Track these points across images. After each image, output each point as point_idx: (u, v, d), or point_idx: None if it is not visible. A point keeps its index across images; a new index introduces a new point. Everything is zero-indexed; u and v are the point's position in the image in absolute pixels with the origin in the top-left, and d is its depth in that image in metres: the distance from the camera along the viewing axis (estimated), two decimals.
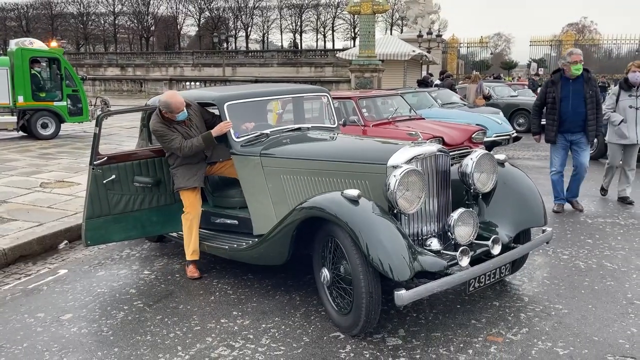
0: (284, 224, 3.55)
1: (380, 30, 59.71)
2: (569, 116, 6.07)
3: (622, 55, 57.96)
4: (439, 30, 40.69)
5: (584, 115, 6.03)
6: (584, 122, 6.06)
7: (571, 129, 6.13)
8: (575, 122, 6.08)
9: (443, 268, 3.20)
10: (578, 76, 5.99)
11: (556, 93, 6.09)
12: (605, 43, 46.48)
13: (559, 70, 6.21)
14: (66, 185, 7.76)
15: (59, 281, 4.66)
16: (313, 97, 5.25)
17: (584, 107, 6.01)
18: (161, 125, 4.40)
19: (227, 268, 4.74)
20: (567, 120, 6.10)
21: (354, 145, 4.17)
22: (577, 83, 6.02)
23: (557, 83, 6.13)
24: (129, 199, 4.69)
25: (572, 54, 6.05)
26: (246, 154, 4.44)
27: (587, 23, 69.28)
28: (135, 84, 28.32)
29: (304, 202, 3.47)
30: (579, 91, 6.01)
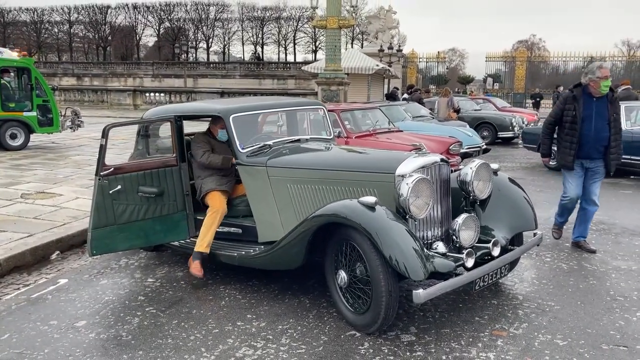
0: (300, 230, 3.75)
1: (341, 44, 60.59)
2: (590, 139, 5.22)
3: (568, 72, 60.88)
4: (399, 45, 41.73)
5: (606, 140, 5.23)
6: (606, 148, 5.26)
7: (591, 155, 5.29)
8: (596, 148, 5.26)
9: (452, 269, 3.48)
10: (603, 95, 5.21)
11: (577, 111, 5.22)
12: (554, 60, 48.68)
13: (580, 85, 5.35)
14: (48, 196, 7.70)
15: (62, 290, 4.70)
16: (311, 109, 5.48)
17: (608, 130, 5.21)
18: (202, 136, 4.98)
19: (230, 275, 4.88)
20: (587, 144, 5.24)
21: (362, 156, 4.42)
22: (602, 102, 5.23)
23: (578, 99, 5.26)
24: (134, 208, 4.78)
25: (601, 67, 5.18)
26: (252, 164, 4.62)
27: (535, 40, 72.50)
28: (97, 95, 27.83)
29: (321, 209, 3.69)
30: (602, 112, 5.21)
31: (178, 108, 5.22)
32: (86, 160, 11.02)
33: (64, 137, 14.25)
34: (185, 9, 65.25)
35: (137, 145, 5.74)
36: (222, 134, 5.00)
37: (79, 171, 9.69)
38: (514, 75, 44.34)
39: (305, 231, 3.70)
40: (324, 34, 67.48)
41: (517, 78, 43.18)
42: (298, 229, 3.76)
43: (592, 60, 46.37)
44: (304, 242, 3.73)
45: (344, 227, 3.57)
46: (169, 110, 5.15)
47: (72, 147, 12.96)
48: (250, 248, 4.55)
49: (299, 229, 3.75)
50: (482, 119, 15.47)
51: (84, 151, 12.32)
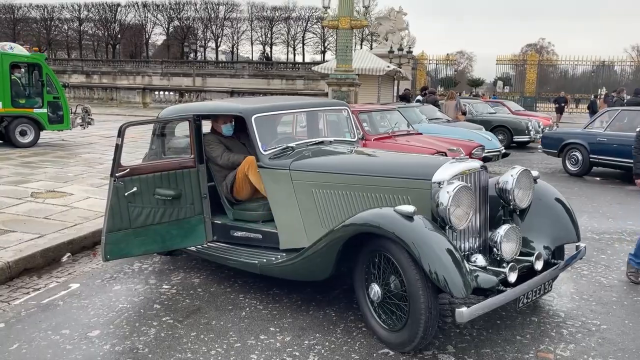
0: (329, 240, 3.51)
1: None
2: None
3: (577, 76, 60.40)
4: (410, 47, 41.42)
5: None
6: None
7: None
8: None
9: (495, 284, 3.23)
10: None
11: None
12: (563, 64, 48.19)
13: None
14: (58, 195, 7.50)
15: (74, 296, 4.48)
16: (334, 110, 5.25)
17: None
18: (211, 136, 4.80)
19: (249, 282, 4.66)
20: None
21: (394, 160, 4.17)
22: None
23: None
24: (150, 211, 4.56)
25: None
26: (274, 167, 4.39)
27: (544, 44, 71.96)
28: (107, 92, 27.70)
29: (352, 217, 3.45)
30: None
31: (197, 107, 4.99)
32: (96, 158, 10.83)
33: (74, 135, 14.09)
34: (194, 7, 65.28)
35: (151, 145, 5.53)
36: (226, 129, 4.80)
37: (90, 170, 9.49)
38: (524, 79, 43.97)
39: (335, 240, 3.46)
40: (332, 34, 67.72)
41: (528, 81, 42.76)
42: (327, 238, 3.52)
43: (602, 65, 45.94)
44: (333, 253, 3.49)
45: (377, 237, 3.33)
46: (188, 110, 4.93)
47: (82, 145, 12.78)
48: (272, 255, 4.31)
49: (328, 237, 3.51)
50: (497, 122, 15.17)
51: (94, 149, 12.14)
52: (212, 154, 4.79)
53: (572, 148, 10.28)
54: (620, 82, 54.03)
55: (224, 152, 4.74)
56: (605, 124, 10.00)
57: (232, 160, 4.70)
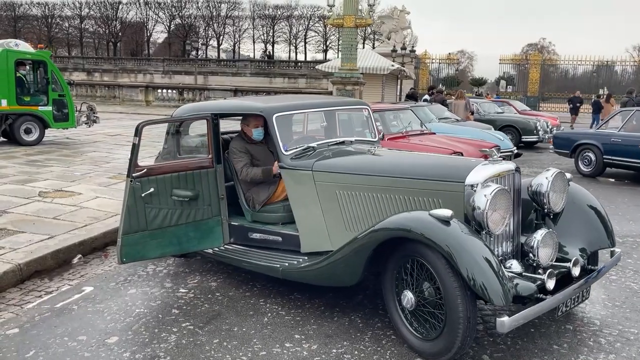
0: (358, 244, 3.37)
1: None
2: None
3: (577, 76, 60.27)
4: (413, 46, 41.26)
5: None
6: None
7: None
8: None
9: (533, 292, 3.10)
10: None
11: None
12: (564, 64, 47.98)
13: None
14: (67, 195, 7.36)
15: (88, 300, 4.35)
16: (355, 109, 5.12)
17: None
18: (237, 142, 4.66)
19: (268, 286, 4.53)
20: None
21: (424, 162, 4.03)
22: None
23: None
24: (167, 213, 4.43)
25: None
26: (296, 168, 4.26)
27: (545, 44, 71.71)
28: (109, 90, 27.54)
29: (384, 221, 3.31)
30: None
31: (215, 105, 4.86)
32: (102, 157, 10.70)
33: (79, 133, 13.95)
34: (196, 5, 65.00)
35: (165, 144, 5.41)
36: (257, 133, 4.66)
37: (97, 169, 9.36)
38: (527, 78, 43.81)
39: (365, 245, 3.32)
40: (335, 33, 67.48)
41: (531, 81, 42.62)
42: (356, 242, 3.38)
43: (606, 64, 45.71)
44: (363, 258, 3.36)
45: (410, 242, 3.20)
46: (205, 108, 4.79)
47: (87, 143, 12.64)
48: (293, 259, 4.18)
49: (358, 242, 3.37)
50: (505, 122, 15.03)
51: (99, 147, 12.00)
52: (235, 164, 4.67)
53: (585, 149, 10.15)
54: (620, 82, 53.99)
55: (245, 167, 4.60)
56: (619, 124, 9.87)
57: (250, 176, 4.58)
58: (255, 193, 4.69)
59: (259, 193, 4.67)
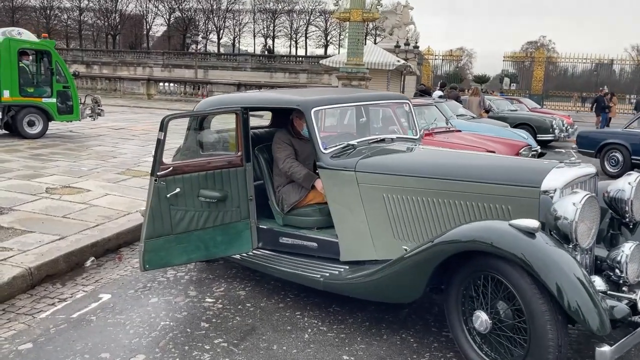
0: (422, 255, 2.99)
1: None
2: None
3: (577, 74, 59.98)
4: (416, 42, 40.84)
5: None
6: None
7: None
8: None
9: (627, 314, 2.72)
10: None
11: None
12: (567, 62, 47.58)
13: None
14: (75, 191, 6.96)
15: (107, 309, 3.96)
16: (396, 104, 4.74)
17: None
18: (283, 134, 4.34)
19: (302, 296, 4.15)
20: None
21: (490, 163, 3.65)
22: None
23: None
24: (193, 215, 4.04)
25: None
26: (337, 168, 3.88)
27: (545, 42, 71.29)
28: (110, 83, 27.05)
29: (452, 232, 2.93)
30: None
31: (245, 98, 4.46)
32: (109, 151, 10.28)
33: (82, 126, 13.51)
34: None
35: (186, 139, 5.02)
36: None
37: (104, 164, 8.95)
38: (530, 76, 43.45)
39: (431, 258, 2.94)
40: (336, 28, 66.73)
41: (535, 79, 42.25)
42: (420, 254, 3.00)
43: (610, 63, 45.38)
44: (427, 272, 2.98)
45: (483, 255, 2.82)
46: (234, 101, 4.40)
47: (92, 137, 12.21)
48: (334, 269, 3.80)
49: (422, 254, 2.99)
50: (520, 120, 14.66)
51: (104, 141, 11.58)
52: (277, 153, 4.31)
53: (611, 148, 9.80)
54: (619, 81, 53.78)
55: (289, 158, 4.25)
56: None
57: (291, 172, 4.22)
58: (285, 193, 4.31)
59: (290, 194, 4.29)
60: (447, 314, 3.10)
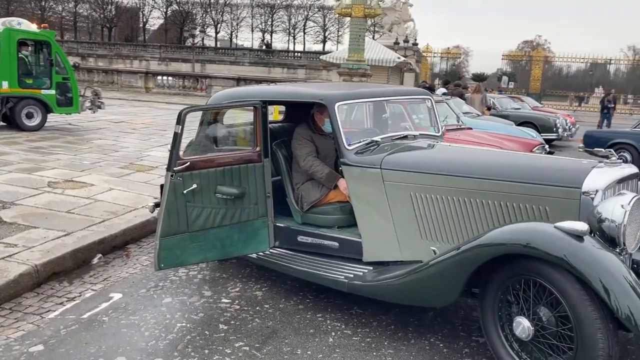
0: (460, 259, 2.85)
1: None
2: None
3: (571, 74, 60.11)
4: (415, 39, 40.70)
5: None
6: None
7: None
8: None
9: None
10: None
11: None
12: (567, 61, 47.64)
13: None
14: (78, 185, 6.78)
15: (119, 309, 3.81)
16: (419, 99, 4.60)
17: None
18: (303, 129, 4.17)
19: (321, 297, 4.01)
20: None
21: (526, 162, 3.50)
22: None
23: None
24: (210, 212, 3.89)
25: None
26: (362, 165, 3.73)
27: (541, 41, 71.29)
28: (107, 76, 26.75)
29: (491, 234, 2.79)
30: None
31: (264, 92, 4.30)
32: (110, 145, 10.09)
33: (81, 119, 13.28)
34: None
35: (199, 134, 4.86)
36: (328, 125, 4.14)
37: (106, 158, 8.76)
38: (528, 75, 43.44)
39: (470, 261, 2.80)
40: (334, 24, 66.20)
41: (533, 78, 42.25)
42: (457, 257, 2.85)
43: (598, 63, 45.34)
44: (465, 275, 2.84)
45: (524, 259, 2.68)
46: (252, 94, 4.23)
47: (92, 130, 12.00)
48: (357, 269, 3.66)
49: (459, 257, 2.85)
50: (523, 118, 14.55)
51: (104, 135, 11.37)
52: (297, 150, 4.15)
53: (620, 148, 9.71)
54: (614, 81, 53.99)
55: (310, 156, 4.10)
56: None
57: (313, 170, 4.07)
58: (305, 191, 4.16)
59: (310, 192, 4.14)
60: (482, 318, 2.97)
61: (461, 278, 2.84)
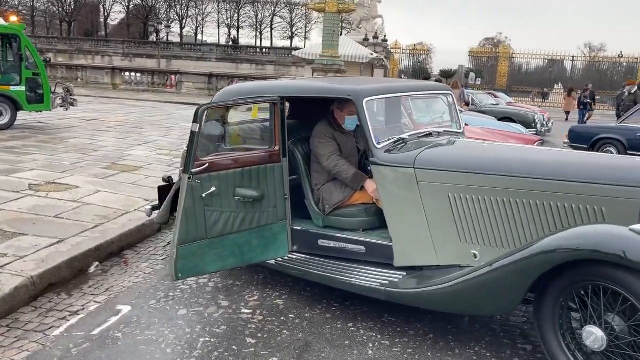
0: (523, 264, 2.66)
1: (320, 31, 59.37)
2: None
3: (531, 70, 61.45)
4: (385, 36, 40.75)
5: None
6: None
7: None
8: None
9: None
10: None
11: None
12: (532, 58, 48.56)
13: None
14: (62, 188, 6.36)
15: (131, 324, 3.50)
16: (441, 94, 4.42)
17: None
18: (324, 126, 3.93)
19: (346, 305, 3.79)
20: None
21: (581, 160, 3.34)
22: None
23: None
24: (229, 217, 3.62)
25: None
26: (393, 165, 3.52)
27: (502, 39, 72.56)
28: (71, 72, 25.74)
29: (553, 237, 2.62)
30: None
31: (284, 87, 4.04)
32: (87, 144, 9.59)
33: (51, 117, 12.65)
34: None
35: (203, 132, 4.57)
36: (350, 122, 3.91)
37: (85, 157, 8.30)
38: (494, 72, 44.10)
39: (535, 268, 2.62)
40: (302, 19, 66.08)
41: (500, 74, 42.88)
42: (519, 264, 2.67)
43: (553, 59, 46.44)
44: (527, 283, 2.66)
45: (593, 264, 2.52)
46: (269, 90, 3.96)
47: (64, 129, 11.42)
48: (392, 276, 3.45)
49: (521, 263, 2.66)
50: (503, 114, 14.63)
51: (79, 133, 10.84)
52: (319, 149, 3.90)
53: (606, 143, 9.80)
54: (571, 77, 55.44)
55: (334, 155, 3.86)
56: None
57: (338, 170, 3.83)
58: (327, 192, 3.93)
59: (332, 193, 3.91)
60: (540, 327, 2.80)
61: (524, 285, 2.66)
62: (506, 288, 2.74)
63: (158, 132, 11.76)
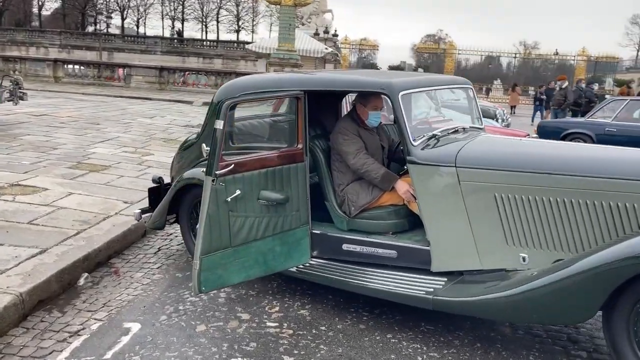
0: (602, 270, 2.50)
1: (267, 25, 58.67)
2: None
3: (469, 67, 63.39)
4: (335, 30, 40.76)
5: None
6: None
7: None
8: None
9: None
10: None
11: None
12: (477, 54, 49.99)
13: None
14: (29, 190, 5.78)
15: (146, 344, 3.12)
16: (461, 88, 4.24)
17: None
18: (348, 122, 3.65)
19: (376, 313, 3.54)
20: None
21: (622, 156, 3.22)
22: None
23: None
24: (253, 223, 3.30)
25: None
26: (432, 163, 3.30)
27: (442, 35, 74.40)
28: (9, 64, 24.08)
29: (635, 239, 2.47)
30: None
31: (308, 80, 3.71)
32: (43, 141, 8.86)
33: None
34: None
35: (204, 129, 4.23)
36: (374, 118, 3.66)
37: (46, 156, 7.64)
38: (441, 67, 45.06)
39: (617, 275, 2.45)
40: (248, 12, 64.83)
41: (446, 70, 43.82)
42: (598, 269, 2.50)
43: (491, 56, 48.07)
44: (607, 290, 2.50)
45: None
46: (291, 83, 3.64)
47: (13, 125, 10.54)
48: (435, 282, 3.23)
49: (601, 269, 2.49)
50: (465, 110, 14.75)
51: (31, 130, 10.03)
52: (344, 146, 3.61)
53: (575, 138, 10.01)
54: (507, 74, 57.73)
55: (361, 153, 3.59)
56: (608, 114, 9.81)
57: (366, 170, 3.57)
58: (352, 193, 3.66)
59: (359, 194, 3.65)
60: (609, 335, 2.65)
61: (604, 292, 2.50)
62: (584, 296, 2.57)
63: (117, 128, 11.08)
